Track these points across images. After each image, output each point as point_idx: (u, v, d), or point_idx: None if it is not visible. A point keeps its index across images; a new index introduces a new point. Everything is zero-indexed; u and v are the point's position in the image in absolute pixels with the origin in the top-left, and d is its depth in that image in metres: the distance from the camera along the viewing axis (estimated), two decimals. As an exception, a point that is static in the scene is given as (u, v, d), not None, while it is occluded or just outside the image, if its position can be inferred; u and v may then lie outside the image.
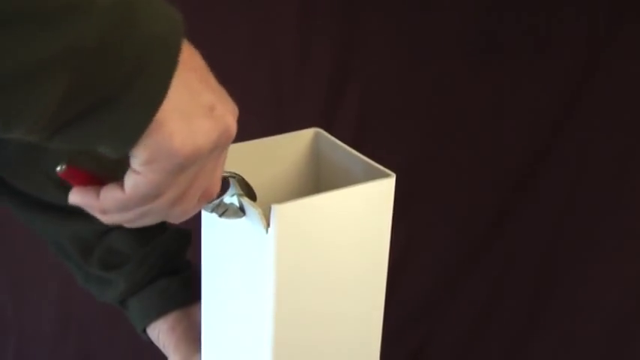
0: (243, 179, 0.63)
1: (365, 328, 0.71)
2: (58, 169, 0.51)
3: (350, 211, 0.65)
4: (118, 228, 0.81)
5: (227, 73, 0.53)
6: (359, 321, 0.70)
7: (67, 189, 0.78)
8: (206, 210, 0.62)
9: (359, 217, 0.66)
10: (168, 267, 0.82)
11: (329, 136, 0.72)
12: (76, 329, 1.53)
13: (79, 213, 0.80)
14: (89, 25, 0.40)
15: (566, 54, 1.34)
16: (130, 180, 0.48)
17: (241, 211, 0.63)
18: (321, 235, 0.64)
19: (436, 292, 1.45)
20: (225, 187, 0.62)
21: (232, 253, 0.68)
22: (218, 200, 0.61)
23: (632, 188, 1.34)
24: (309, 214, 0.62)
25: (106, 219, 0.52)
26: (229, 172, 0.62)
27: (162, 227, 0.84)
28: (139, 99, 0.43)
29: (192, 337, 0.79)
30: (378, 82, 1.41)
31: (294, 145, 0.72)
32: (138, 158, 0.46)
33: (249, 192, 0.63)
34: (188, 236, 0.84)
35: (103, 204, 0.50)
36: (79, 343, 1.53)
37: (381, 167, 0.67)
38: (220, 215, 0.62)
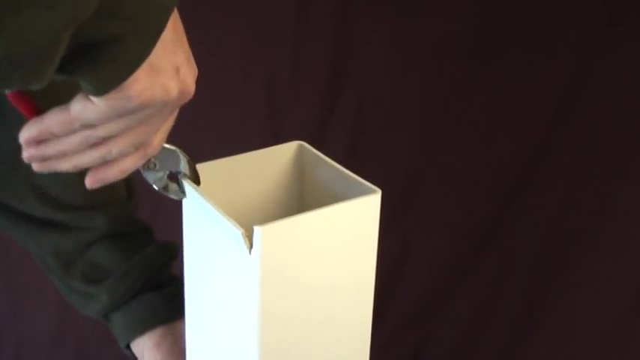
0: (189, 159, 0.65)
1: (353, 345, 0.69)
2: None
3: (335, 229, 0.63)
4: (101, 242, 0.80)
5: (223, 78, 0.55)
6: (347, 339, 0.69)
7: (48, 201, 0.77)
8: (148, 179, 0.64)
9: (345, 234, 0.64)
10: (153, 281, 0.81)
11: (312, 149, 0.70)
12: (73, 336, 1.52)
13: (60, 226, 0.80)
14: None
15: (561, 58, 1.32)
16: (78, 104, 0.51)
17: (181, 192, 0.65)
18: (305, 254, 0.62)
19: (434, 294, 1.44)
20: (171, 161, 0.65)
21: (215, 270, 0.66)
22: (162, 172, 0.64)
23: (629, 190, 1.33)
24: (293, 234, 0.61)
25: (50, 150, 0.54)
26: (177, 148, 0.64)
27: (146, 242, 0.82)
28: (125, 54, 0.48)
29: (178, 353, 0.78)
30: (374, 88, 1.40)
31: (276, 159, 0.71)
32: None
33: (194, 175, 0.65)
34: (174, 250, 0.82)
35: (48, 123, 0.53)
36: (76, 350, 1.53)
37: (367, 183, 0.65)
38: (160, 189, 0.65)
